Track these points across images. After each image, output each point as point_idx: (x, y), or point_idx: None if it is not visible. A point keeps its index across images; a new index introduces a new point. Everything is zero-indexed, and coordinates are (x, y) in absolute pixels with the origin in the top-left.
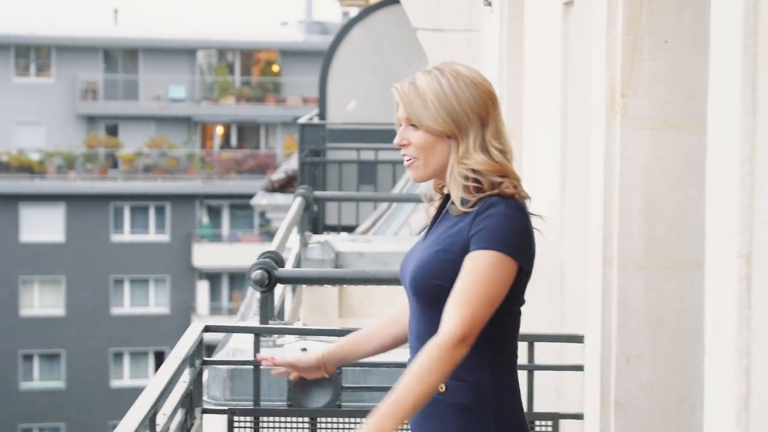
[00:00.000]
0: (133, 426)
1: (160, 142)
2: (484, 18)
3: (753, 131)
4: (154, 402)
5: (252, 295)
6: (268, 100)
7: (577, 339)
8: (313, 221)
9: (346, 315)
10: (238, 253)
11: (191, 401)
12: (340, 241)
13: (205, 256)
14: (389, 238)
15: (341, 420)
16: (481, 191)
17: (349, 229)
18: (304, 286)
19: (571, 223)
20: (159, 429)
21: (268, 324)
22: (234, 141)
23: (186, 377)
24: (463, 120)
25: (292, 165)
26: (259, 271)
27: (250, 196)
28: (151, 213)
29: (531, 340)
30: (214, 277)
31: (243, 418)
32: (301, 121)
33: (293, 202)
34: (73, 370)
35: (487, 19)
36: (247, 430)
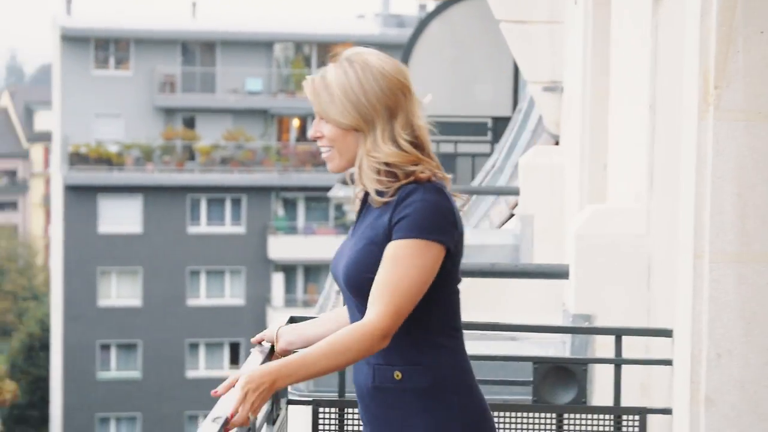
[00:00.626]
0: (223, 416)
1: (236, 135)
2: (568, 10)
3: None
4: None
5: (331, 287)
6: None
7: (666, 333)
8: None
9: None
10: (313, 245)
11: (276, 392)
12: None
13: (281, 248)
14: (470, 231)
15: None
16: (397, 180)
17: None
18: None
19: (659, 216)
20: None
21: None
22: (310, 133)
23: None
24: (369, 113)
25: None
26: None
27: (326, 189)
28: (228, 205)
29: (618, 334)
30: (289, 269)
31: (327, 410)
32: None
33: None
34: (150, 360)
35: (571, 10)
36: (332, 422)
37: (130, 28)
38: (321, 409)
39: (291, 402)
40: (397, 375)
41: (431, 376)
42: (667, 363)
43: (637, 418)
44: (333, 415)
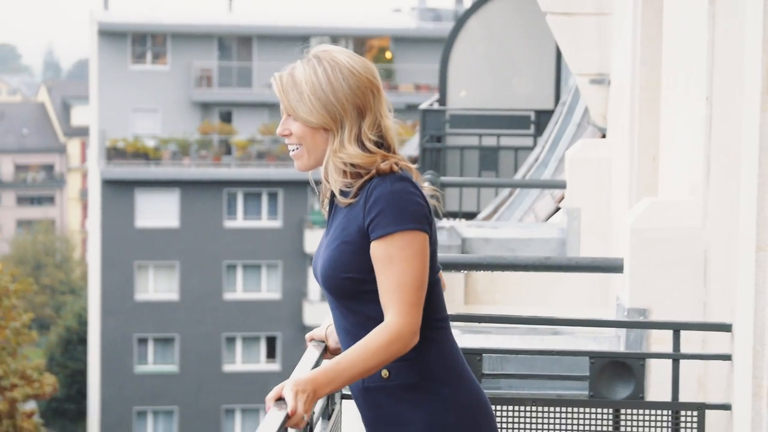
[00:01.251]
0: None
1: (273, 129)
2: (616, 1)
3: None
4: None
5: None
6: None
7: (725, 328)
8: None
9: (471, 301)
10: None
11: None
12: (466, 227)
13: (317, 242)
14: (515, 225)
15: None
16: (359, 176)
17: (470, 215)
18: None
19: (716, 208)
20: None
21: None
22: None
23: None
24: (338, 112)
25: (405, 151)
26: None
27: None
28: (264, 199)
29: (677, 329)
30: None
31: None
32: (423, 106)
33: None
34: (187, 354)
35: (620, 2)
36: None
37: (167, 22)
38: None
39: (345, 396)
40: (384, 373)
41: (418, 370)
42: (726, 358)
43: (695, 413)
44: None
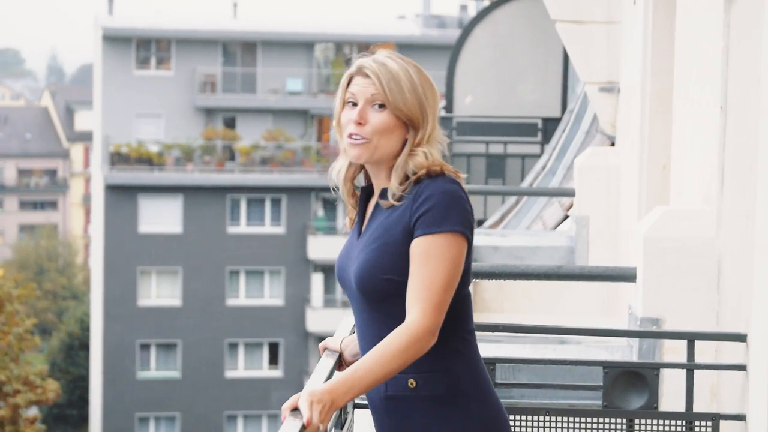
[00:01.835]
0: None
1: (276, 135)
2: (626, 10)
3: None
4: None
5: None
6: None
7: (740, 338)
8: None
9: (479, 310)
10: None
11: None
12: (474, 235)
13: (320, 248)
14: (523, 233)
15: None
16: (405, 179)
17: (477, 223)
18: None
19: (731, 217)
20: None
21: None
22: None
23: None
24: (425, 111)
25: None
26: None
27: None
28: (267, 205)
29: (691, 339)
30: (328, 270)
31: None
32: None
33: None
34: (189, 360)
35: (630, 10)
36: None
37: (172, 28)
38: None
39: (357, 406)
40: (411, 383)
41: (446, 382)
42: (741, 368)
43: (709, 423)
44: None
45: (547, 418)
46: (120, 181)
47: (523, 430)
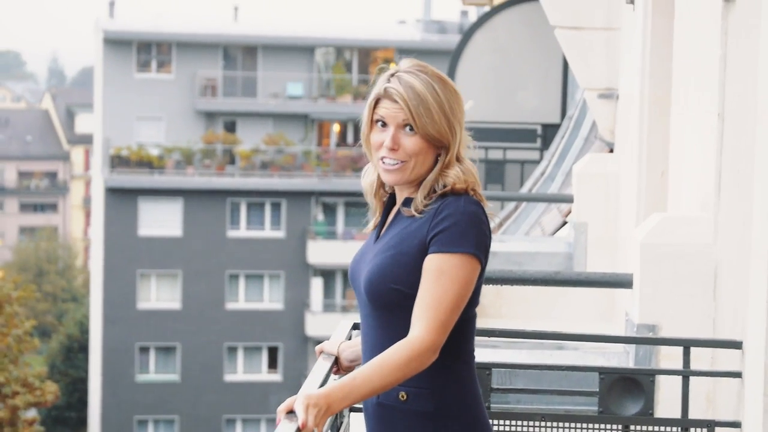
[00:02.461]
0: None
1: (277, 139)
2: (624, 16)
3: None
4: None
5: None
6: None
7: (736, 345)
8: None
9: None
10: (352, 250)
11: None
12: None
13: (320, 253)
14: (521, 238)
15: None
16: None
17: None
18: None
19: (728, 224)
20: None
21: None
22: (350, 139)
23: (336, 375)
24: (454, 128)
25: None
26: None
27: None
28: (267, 209)
29: (687, 345)
30: (328, 274)
31: None
32: None
33: None
34: (188, 363)
35: (629, 17)
36: None
37: (173, 31)
38: None
39: (354, 409)
40: (402, 396)
41: (436, 400)
42: (737, 375)
43: (705, 430)
44: None
45: (542, 424)
46: (120, 184)
47: None
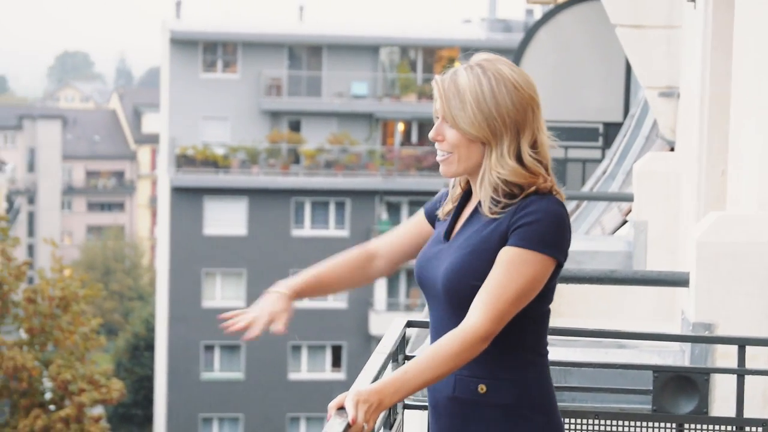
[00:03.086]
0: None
1: (341, 138)
2: (685, 14)
3: None
4: None
5: None
6: None
7: None
8: None
9: None
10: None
11: None
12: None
13: None
14: (581, 237)
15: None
16: (512, 197)
17: None
18: None
19: None
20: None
21: None
22: (415, 138)
23: (389, 372)
24: (498, 127)
25: None
26: None
27: (430, 193)
28: (332, 208)
29: (742, 344)
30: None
31: None
32: None
33: None
34: (253, 361)
35: (690, 14)
36: None
37: (238, 31)
38: None
39: (407, 407)
40: (481, 388)
41: (517, 392)
42: None
43: (760, 429)
44: None
45: (596, 422)
46: (186, 184)
47: None
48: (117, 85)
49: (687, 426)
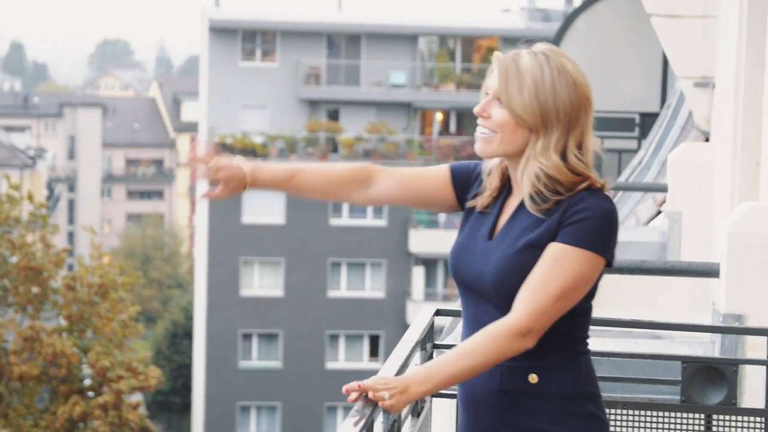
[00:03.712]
0: (369, 407)
1: (379, 128)
2: (721, 4)
3: None
4: None
5: None
6: None
7: None
8: None
9: None
10: (454, 239)
11: None
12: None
13: (422, 241)
14: None
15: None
16: (556, 194)
17: None
18: None
19: None
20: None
21: None
22: (453, 127)
23: (417, 361)
24: (551, 118)
25: None
26: None
27: None
28: None
29: None
30: (429, 263)
31: None
32: None
33: None
34: (290, 350)
35: (725, 4)
36: None
37: (277, 20)
38: None
39: (435, 395)
40: (532, 378)
41: (571, 380)
42: None
43: None
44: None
45: (624, 412)
46: None
47: None
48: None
49: (715, 417)
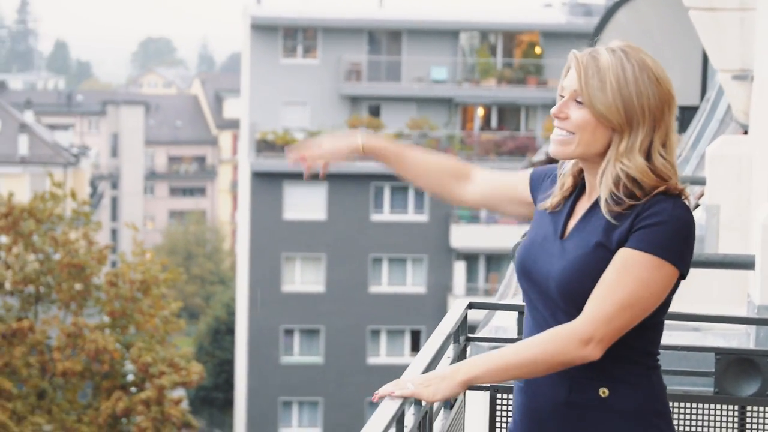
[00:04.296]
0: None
1: (421, 123)
2: None
3: None
4: None
5: (512, 275)
6: (529, 82)
7: None
8: None
9: None
10: (495, 234)
11: None
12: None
13: (463, 236)
14: None
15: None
16: (633, 197)
17: None
18: None
19: None
20: (423, 402)
21: None
22: (494, 123)
23: (450, 353)
24: (636, 116)
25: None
26: None
27: None
28: (411, 193)
29: None
30: (471, 258)
31: (506, 396)
32: None
33: None
34: (332, 346)
35: None
36: (511, 409)
37: (318, 17)
38: (499, 396)
39: (469, 387)
40: (603, 392)
41: (642, 396)
42: None
43: None
44: (510, 402)
45: None
46: (266, 168)
47: None
48: (199, 70)
49: (749, 408)
